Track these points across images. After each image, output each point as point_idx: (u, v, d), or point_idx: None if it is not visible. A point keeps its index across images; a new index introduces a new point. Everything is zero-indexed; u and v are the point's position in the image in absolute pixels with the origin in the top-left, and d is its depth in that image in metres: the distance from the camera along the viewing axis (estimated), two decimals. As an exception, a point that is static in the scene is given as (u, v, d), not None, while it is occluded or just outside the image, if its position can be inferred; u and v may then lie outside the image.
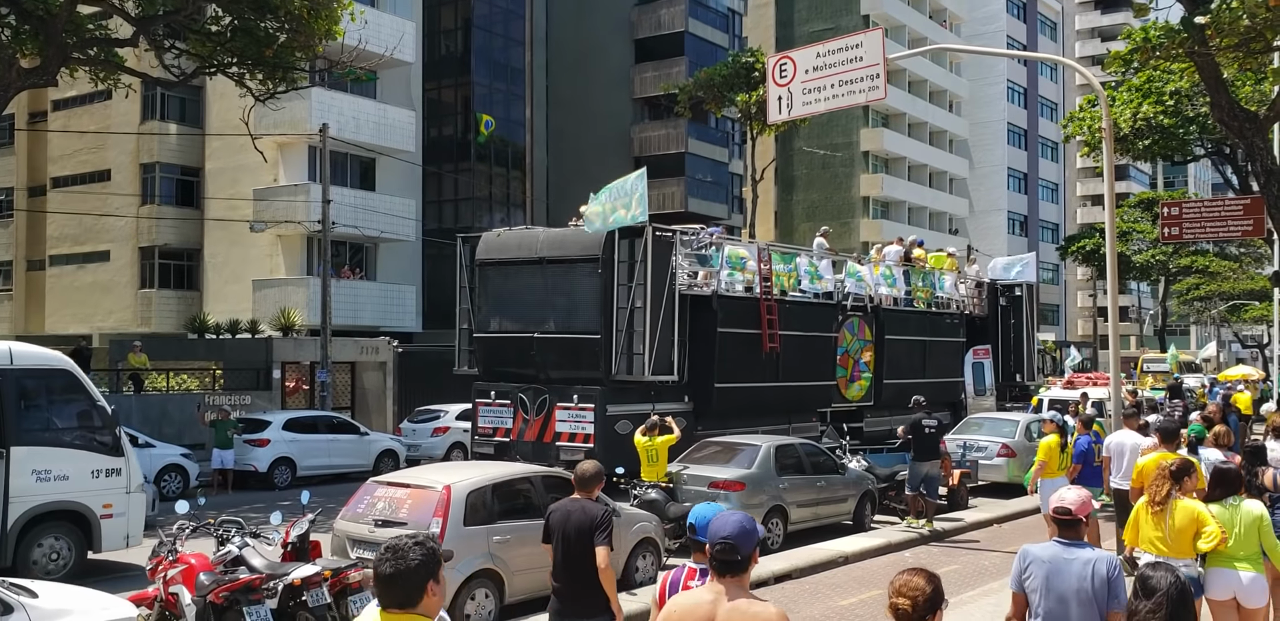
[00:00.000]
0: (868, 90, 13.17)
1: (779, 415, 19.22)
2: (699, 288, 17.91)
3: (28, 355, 11.53)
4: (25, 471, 10.99)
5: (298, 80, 21.47)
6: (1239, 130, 15.05)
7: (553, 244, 17.60)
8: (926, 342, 23.43)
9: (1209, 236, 20.18)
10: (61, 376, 11.69)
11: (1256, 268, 56.29)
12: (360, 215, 32.17)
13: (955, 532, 15.19)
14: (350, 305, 32.47)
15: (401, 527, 9.45)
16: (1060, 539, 5.15)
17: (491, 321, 18.11)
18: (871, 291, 21.93)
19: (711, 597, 3.81)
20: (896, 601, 3.75)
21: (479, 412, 17.87)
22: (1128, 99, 26.30)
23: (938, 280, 24.48)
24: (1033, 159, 74.64)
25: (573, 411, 16.66)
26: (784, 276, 19.63)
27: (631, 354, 16.65)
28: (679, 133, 46.94)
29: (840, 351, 20.97)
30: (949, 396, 24.13)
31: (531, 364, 17.29)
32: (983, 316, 25.87)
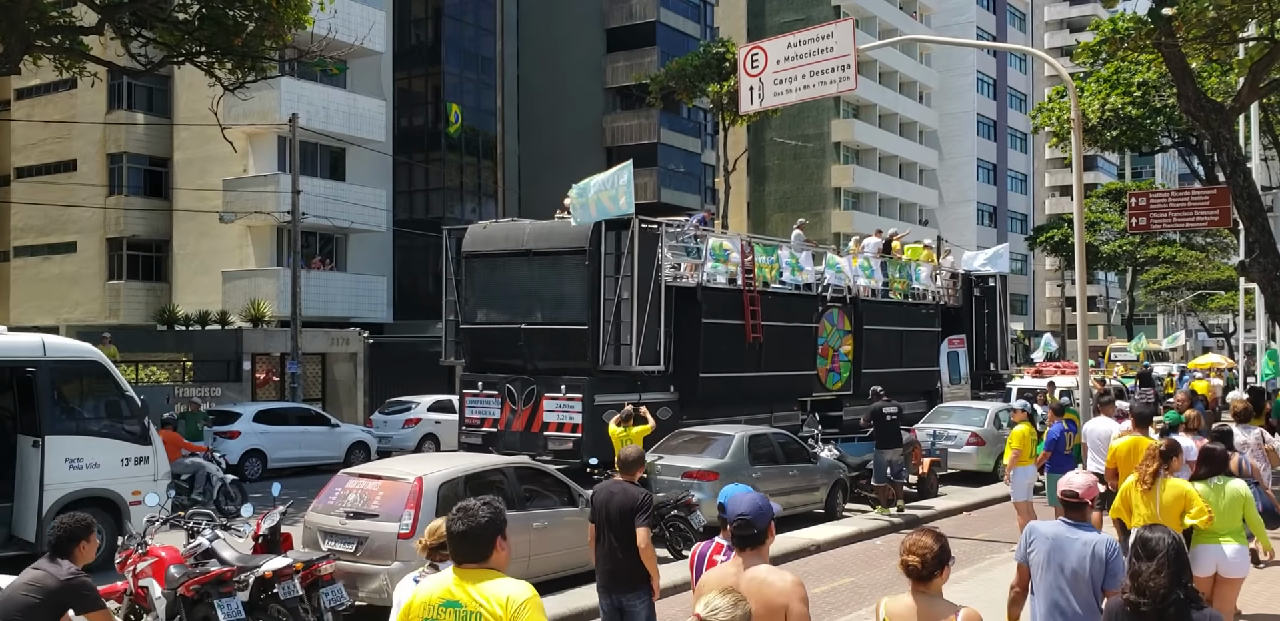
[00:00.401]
0: (839, 81, 13.18)
1: (761, 404, 19.46)
2: (684, 279, 18.08)
3: (60, 347, 12.03)
4: (59, 459, 11.41)
5: (267, 69, 21.26)
6: (1205, 121, 15.19)
7: (539, 236, 17.74)
8: (903, 333, 23.76)
9: (1176, 226, 20.41)
10: (92, 367, 12.08)
11: (1222, 257, 56.94)
12: (330, 205, 31.96)
13: (925, 520, 15.30)
14: (321, 296, 32.27)
15: (373, 520, 9.44)
16: (1066, 519, 5.46)
17: (478, 313, 18.19)
18: (850, 282, 22.21)
19: (735, 570, 4.21)
20: (907, 559, 4.17)
21: (466, 403, 17.95)
22: (1096, 90, 26.52)
23: (914, 271, 24.77)
24: (1002, 150, 75.09)
25: (560, 401, 16.80)
26: (766, 268, 19.85)
27: (619, 344, 16.83)
28: (651, 122, 46.87)
29: (821, 342, 21.25)
30: (925, 385, 24.44)
31: (519, 355, 17.41)
32: (957, 307, 26.20)
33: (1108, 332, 73.30)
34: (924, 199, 67.26)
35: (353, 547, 9.35)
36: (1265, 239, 15.17)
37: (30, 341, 11.81)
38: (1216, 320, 70.78)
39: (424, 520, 9.31)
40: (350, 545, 9.38)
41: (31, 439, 11.45)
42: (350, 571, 9.14)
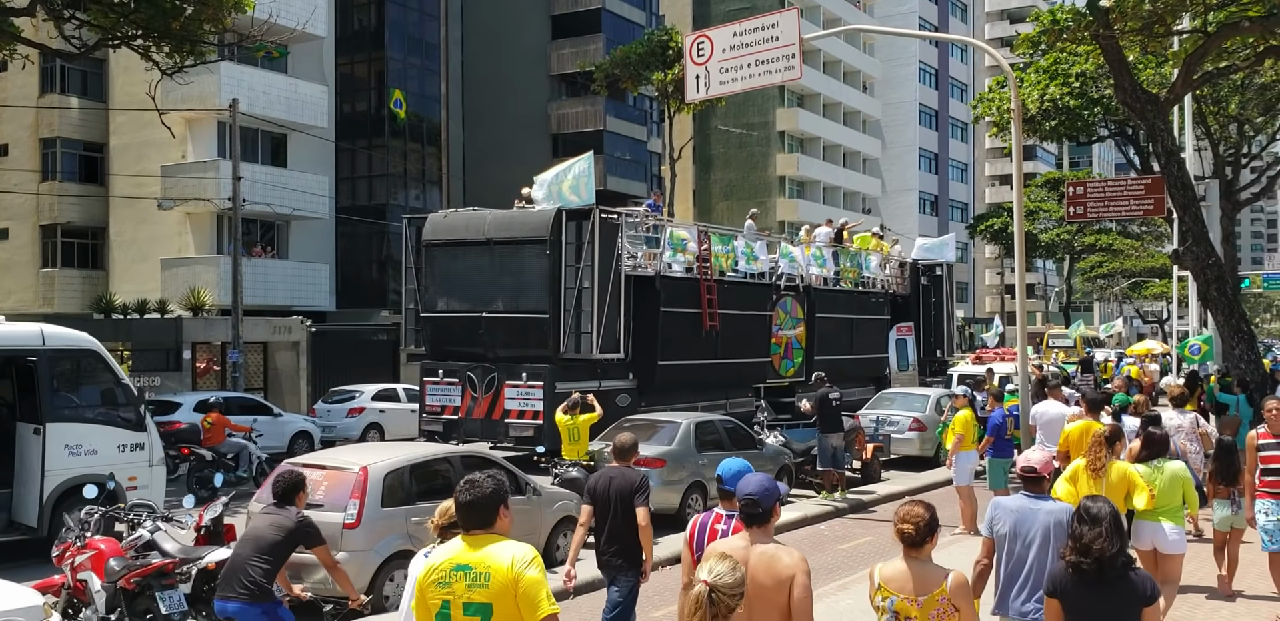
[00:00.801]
0: (784, 70, 13.26)
1: (717, 391, 19.78)
2: (642, 268, 18.27)
3: (58, 336, 12.12)
4: (59, 446, 11.67)
5: (206, 54, 20.88)
6: (1141, 112, 15.49)
7: (500, 225, 17.84)
8: (854, 320, 24.19)
9: (1112, 215, 20.80)
10: (89, 356, 12.31)
11: (1157, 246, 58.14)
12: (272, 192, 31.51)
13: (869, 505, 15.51)
14: (262, 284, 31.87)
15: (318, 510, 9.34)
16: (1026, 492, 5.91)
17: (439, 301, 18.30)
18: (803, 271, 22.53)
19: (743, 545, 4.54)
20: (902, 527, 4.60)
21: (426, 391, 18.04)
22: (1035, 80, 26.90)
23: (864, 260, 25.19)
24: (943, 139, 75.93)
25: (521, 389, 16.97)
26: (722, 257, 20.10)
27: (579, 333, 17.04)
28: (597, 110, 46.77)
29: (774, 330, 21.59)
30: (875, 372, 24.92)
31: (480, 343, 17.54)
32: (905, 295, 26.65)
33: (1046, 320, 74.53)
34: (867, 188, 67.85)
35: (297, 538, 9.27)
36: (1198, 228, 15.53)
37: (29, 330, 12.01)
38: (1151, 307, 72.28)
39: (369, 510, 9.27)
40: (295, 535, 9.29)
41: (32, 426, 11.66)
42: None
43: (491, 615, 4.01)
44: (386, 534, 9.34)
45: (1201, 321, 22.16)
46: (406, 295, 19.10)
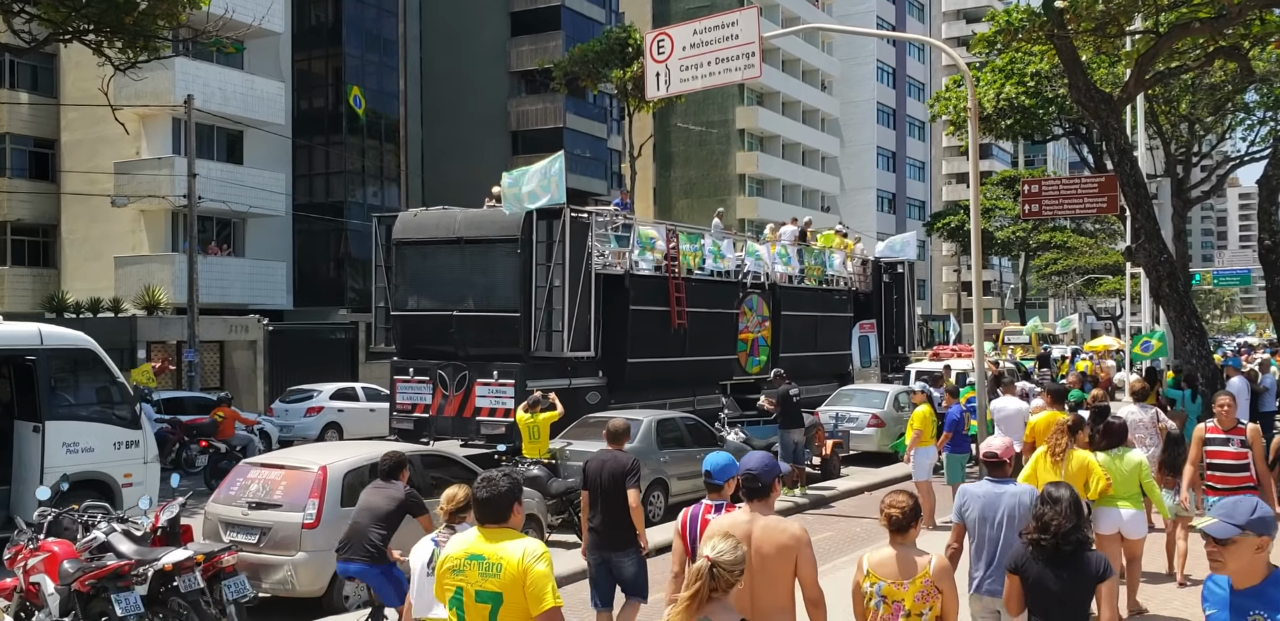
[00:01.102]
0: (744, 68, 13.30)
1: (685, 388, 19.91)
2: (612, 267, 18.43)
3: (56, 336, 12.39)
4: (57, 444, 11.93)
5: (160, 49, 20.59)
6: (1095, 111, 15.68)
7: (471, 224, 17.93)
8: (818, 318, 24.41)
9: (1066, 213, 21.04)
10: (85, 355, 12.57)
11: (1110, 243, 58.89)
12: (228, 189, 31.18)
13: (829, 500, 15.62)
14: (218, 282, 31.53)
15: (276, 510, 9.29)
16: (990, 478, 6.25)
17: (409, 300, 18.29)
18: (769, 270, 22.73)
19: (747, 518, 4.85)
20: (890, 512, 4.92)
21: (397, 389, 18.09)
22: (991, 80, 27.16)
23: (828, 259, 25.44)
24: (901, 138, 76.49)
25: (493, 387, 16.98)
26: (690, 256, 20.26)
27: (550, 331, 17.12)
28: (557, 107, 46.66)
29: (741, 327, 21.79)
30: (839, 368, 25.14)
31: (450, 341, 17.56)
32: (868, 292, 26.93)
33: (1001, 316, 75.34)
34: (826, 186, 68.21)
35: (255, 538, 9.20)
36: (1150, 225, 15.74)
37: (27, 330, 12.30)
38: (1104, 303, 73.21)
39: (329, 509, 9.21)
40: (253, 536, 9.22)
41: (31, 424, 11.88)
42: (253, 562, 8.99)
43: (501, 604, 4.29)
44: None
45: (1154, 317, 22.49)
46: (376, 293, 19.11)
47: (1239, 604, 3.70)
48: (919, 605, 4.77)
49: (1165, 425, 11.44)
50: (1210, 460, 8.44)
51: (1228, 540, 3.61)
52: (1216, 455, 8.42)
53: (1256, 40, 17.31)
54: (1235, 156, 33.03)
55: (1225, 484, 8.35)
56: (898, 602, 4.79)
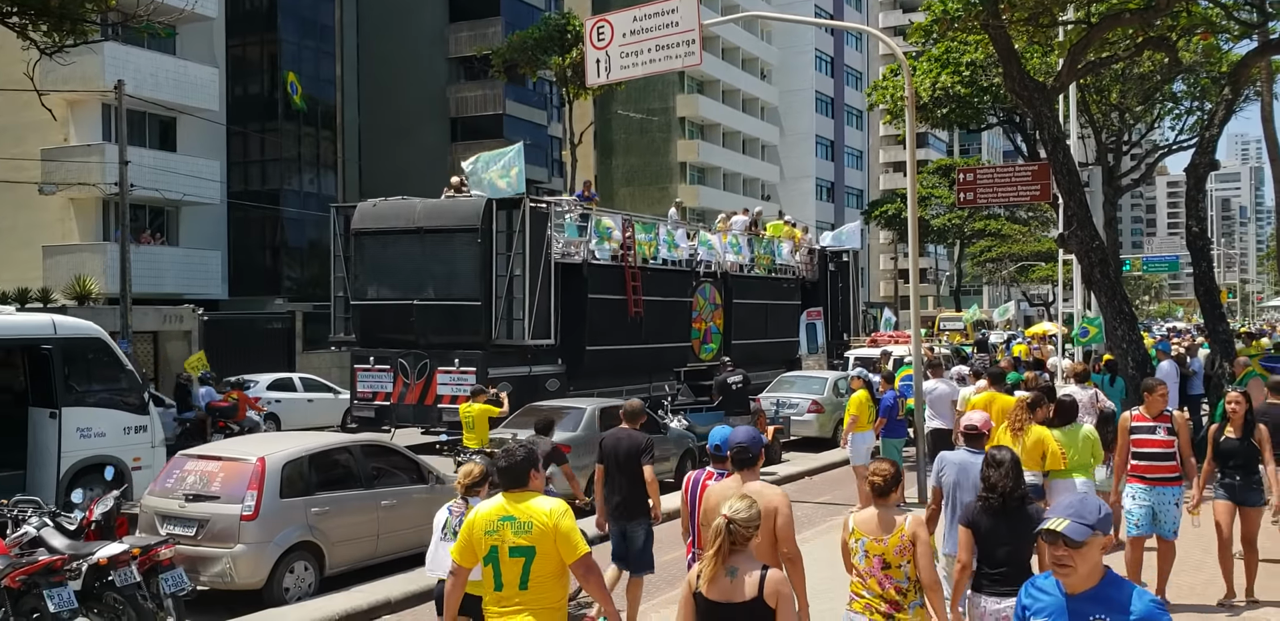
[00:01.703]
0: (684, 55, 13.31)
1: (641, 375, 20.36)
2: (571, 256, 18.67)
3: (68, 325, 12.99)
4: (71, 429, 12.45)
5: (88, 33, 20.08)
6: (1029, 100, 15.91)
7: (430, 214, 18.13)
8: (768, 306, 25.00)
9: (1001, 201, 21.37)
10: (96, 344, 13.12)
11: (1043, 231, 59.87)
12: (161, 177, 30.55)
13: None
14: (151, 272, 30.92)
15: (214, 502, 9.17)
16: (968, 448, 6.88)
17: (369, 289, 18.55)
18: (720, 259, 23.21)
19: (735, 484, 5.51)
20: (873, 479, 5.49)
21: (358, 377, 18.34)
22: (928, 69, 27.38)
23: (777, 248, 25.99)
24: (839, 127, 77.03)
25: (454, 375, 17.34)
26: (645, 245, 20.60)
27: (511, 319, 17.50)
28: (496, 94, 46.33)
29: (694, 315, 22.26)
30: (788, 355, 25.62)
31: (411, 330, 17.86)
32: (814, 281, 27.52)
33: (937, 303, 76.32)
34: (766, 174, 68.54)
35: (193, 531, 9.08)
36: (1082, 212, 16.04)
37: (41, 320, 12.92)
38: (1037, 290, 74.49)
39: (267, 501, 9.11)
40: (190, 528, 9.10)
41: (48, 410, 12.35)
42: (191, 555, 8.87)
43: (534, 556, 4.85)
44: (286, 525, 9.19)
45: (1085, 303, 22.93)
46: (335, 283, 19.41)
47: (1077, 609, 3.52)
48: (897, 558, 5.32)
49: (1103, 404, 11.90)
50: (1137, 448, 8.30)
51: (1083, 542, 3.45)
52: (1142, 444, 8.28)
53: (1184, 31, 17.70)
54: (1164, 145, 33.71)
55: (1153, 474, 8.21)
56: (879, 556, 5.35)
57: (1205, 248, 18.52)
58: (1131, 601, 3.46)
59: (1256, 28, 18.17)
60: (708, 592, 4.34)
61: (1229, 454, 8.33)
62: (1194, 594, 8.59)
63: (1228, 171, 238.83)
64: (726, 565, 4.33)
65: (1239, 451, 8.26)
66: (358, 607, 8.85)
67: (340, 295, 19.29)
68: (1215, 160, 18.62)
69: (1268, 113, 23.10)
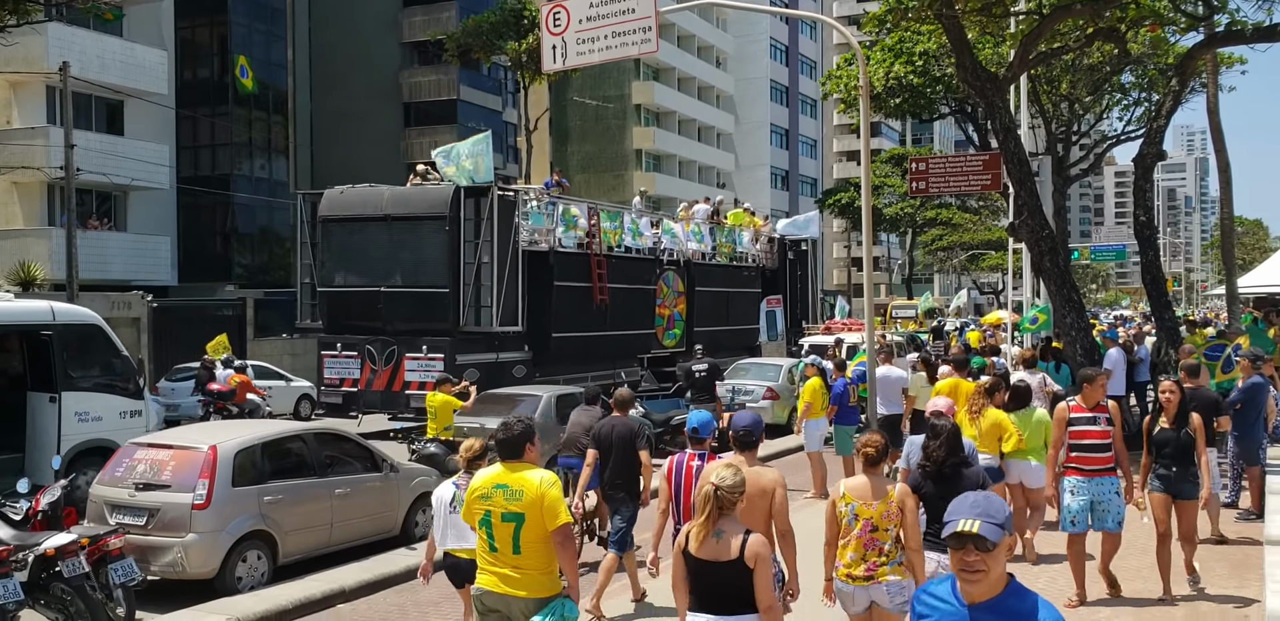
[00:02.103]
0: (640, 42, 13.28)
1: (607, 361, 20.65)
2: (537, 244, 18.81)
3: (66, 312, 13.18)
4: (70, 414, 12.65)
5: (31, 13, 19.72)
6: (980, 90, 16.07)
7: (398, 202, 18.25)
8: (729, 293, 25.32)
9: (952, 190, 21.56)
10: (93, 330, 13.29)
11: (994, 220, 60.55)
12: (108, 161, 30.09)
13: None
14: (98, 257, 30.46)
15: (165, 491, 9.07)
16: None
17: (336, 276, 18.64)
18: (683, 247, 23.50)
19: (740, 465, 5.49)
20: (866, 450, 5.92)
21: (325, 364, 18.44)
22: (881, 58, 27.56)
23: (738, 236, 26.28)
24: (794, 115, 77.30)
25: (422, 361, 17.50)
26: (610, 233, 20.85)
27: (479, 306, 17.69)
28: (450, 79, 45.99)
29: (658, 302, 22.55)
30: (748, 342, 25.98)
31: (378, 316, 17.99)
32: (774, 269, 27.78)
33: (889, 291, 76.95)
34: (721, 162, 68.67)
35: (143, 520, 8.97)
36: (1033, 202, 16.24)
37: (41, 306, 13.11)
38: (987, 278, 75.35)
39: (219, 490, 9.02)
40: (140, 518, 8.99)
41: (47, 395, 12.54)
42: (141, 545, 8.77)
43: (523, 522, 5.27)
44: (238, 514, 9.11)
45: (1034, 292, 23.24)
46: (302, 270, 19.53)
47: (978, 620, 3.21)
48: (885, 522, 5.77)
49: (1051, 388, 12.18)
50: (1075, 440, 8.07)
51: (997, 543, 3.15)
52: (1080, 435, 8.06)
53: (1132, 23, 17.94)
54: (1112, 136, 34.16)
55: (1090, 465, 8.01)
56: (867, 519, 5.79)
57: (1152, 237, 18.82)
58: (1036, 613, 3.18)
59: (1203, 20, 18.46)
60: (696, 552, 4.81)
61: (1161, 444, 8.17)
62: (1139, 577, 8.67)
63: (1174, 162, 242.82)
64: (714, 528, 4.77)
65: (1171, 441, 8.09)
66: (311, 596, 8.81)
67: (307, 282, 19.34)
68: (1163, 150, 18.92)
69: (1213, 104, 23.48)
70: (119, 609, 8.15)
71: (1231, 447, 11.45)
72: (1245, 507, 11.21)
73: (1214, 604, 8.19)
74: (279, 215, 39.55)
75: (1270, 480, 10.78)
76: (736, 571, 4.72)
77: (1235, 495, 11.61)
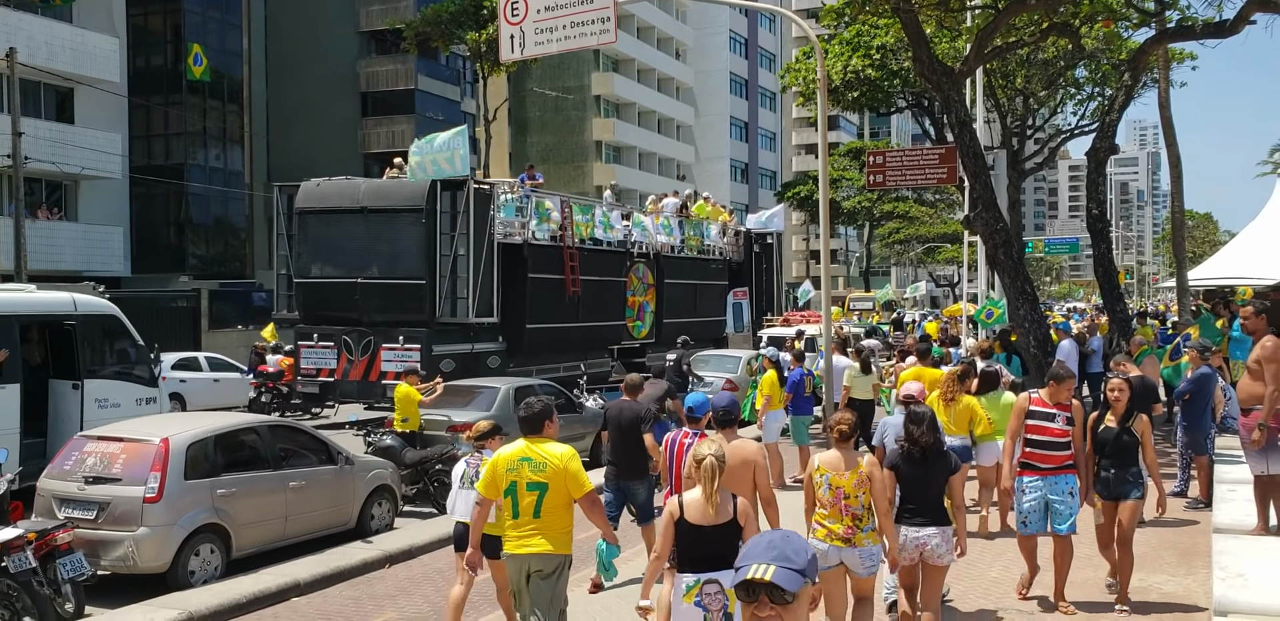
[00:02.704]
0: (599, 33, 13.25)
1: (578, 352, 21.08)
2: (511, 237, 19.12)
3: (87, 302, 13.63)
4: (92, 400, 13.11)
5: (-24, -2, 19.32)
6: (937, 83, 16.17)
7: (374, 194, 18.61)
8: (697, 286, 25.88)
9: (909, 183, 21.74)
10: (112, 320, 13.80)
11: (950, 213, 61.07)
12: (58, 150, 29.60)
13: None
14: (48, 248, 29.98)
15: (116, 484, 8.95)
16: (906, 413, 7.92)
17: (313, 267, 18.84)
18: (653, 239, 23.92)
19: (719, 439, 6.08)
20: (839, 427, 6.53)
21: (301, 354, 18.73)
22: (839, 52, 27.66)
23: (705, 230, 26.83)
24: (753, 108, 77.48)
25: (399, 351, 17.75)
26: (582, 226, 21.20)
27: (455, 297, 18.00)
28: (408, 69, 45.61)
29: (628, 294, 22.98)
30: (716, 333, 26.47)
31: (355, 307, 18.21)
32: (740, 261, 28.35)
33: (847, 283, 77.44)
34: (681, 154, 68.71)
35: (93, 514, 8.85)
36: (987, 195, 16.37)
37: (63, 297, 13.51)
38: (943, 271, 76.05)
39: (171, 483, 8.91)
40: (90, 511, 8.86)
41: (70, 382, 13.03)
42: (91, 539, 8.66)
43: (547, 490, 5.93)
44: (190, 507, 9.01)
45: (989, 284, 23.48)
46: (278, 261, 19.88)
47: None
48: (856, 490, 6.32)
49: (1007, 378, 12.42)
50: (1030, 435, 7.79)
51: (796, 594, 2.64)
52: (1037, 430, 7.77)
53: (1086, 18, 18.13)
54: (1066, 130, 34.56)
55: (1046, 463, 7.74)
56: (839, 488, 6.35)
57: (1105, 230, 19.07)
58: None
59: (1154, 16, 18.69)
60: (693, 519, 5.31)
61: (1102, 443, 7.80)
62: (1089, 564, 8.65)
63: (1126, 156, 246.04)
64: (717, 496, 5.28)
65: (1112, 440, 7.72)
66: (266, 590, 8.73)
67: (283, 273, 19.59)
68: (1115, 144, 19.16)
69: (1164, 99, 23.81)
70: (68, 604, 8.05)
71: (1180, 437, 11.66)
72: (1194, 496, 11.40)
73: (1163, 592, 8.32)
74: (234, 205, 39.10)
75: (1218, 469, 10.98)
76: (730, 531, 5.28)
77: (1184, 484, 11.82)
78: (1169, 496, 11.70)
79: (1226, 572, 6.91)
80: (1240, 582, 6.66)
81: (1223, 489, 10.04)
